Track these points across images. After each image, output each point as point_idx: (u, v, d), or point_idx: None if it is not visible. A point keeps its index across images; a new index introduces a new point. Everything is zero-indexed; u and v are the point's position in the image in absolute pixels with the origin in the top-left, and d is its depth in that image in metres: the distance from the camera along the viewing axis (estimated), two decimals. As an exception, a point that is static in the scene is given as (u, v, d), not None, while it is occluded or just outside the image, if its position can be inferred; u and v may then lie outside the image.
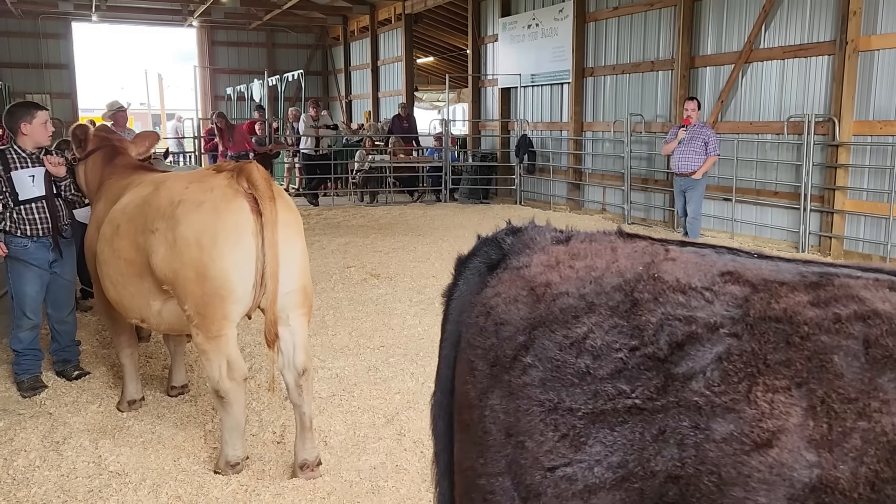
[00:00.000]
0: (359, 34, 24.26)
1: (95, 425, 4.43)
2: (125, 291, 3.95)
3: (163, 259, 3.60)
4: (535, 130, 15.58)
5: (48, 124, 4.90)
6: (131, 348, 4.69)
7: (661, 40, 12.25)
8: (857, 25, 8.96)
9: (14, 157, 4.81)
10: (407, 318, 6.67)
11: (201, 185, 3.62)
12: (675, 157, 9.37)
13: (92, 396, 4.88)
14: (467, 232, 11.52)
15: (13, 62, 23.00)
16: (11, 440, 4.19)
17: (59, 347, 5.22)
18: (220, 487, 3.64)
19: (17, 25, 22.83)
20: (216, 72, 25.85)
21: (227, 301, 3.52)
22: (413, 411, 4.57)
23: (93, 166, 4.78)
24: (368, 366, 5.39)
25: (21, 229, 4.81)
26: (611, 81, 13.47)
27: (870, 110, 9.03)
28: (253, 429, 4.31)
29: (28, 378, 4.97)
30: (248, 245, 3.49)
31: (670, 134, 9.68)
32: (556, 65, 14.66)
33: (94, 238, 4.29)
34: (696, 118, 9.42)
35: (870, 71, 8.98)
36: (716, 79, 11.28)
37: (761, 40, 10.45)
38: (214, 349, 3.60)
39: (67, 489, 3.66)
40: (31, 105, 4.98)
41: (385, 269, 8.74)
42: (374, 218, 13.22)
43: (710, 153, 9.18)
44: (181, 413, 4.62)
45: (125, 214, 3.94)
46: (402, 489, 3.63)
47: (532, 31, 15.28)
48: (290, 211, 3.69)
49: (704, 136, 9.20)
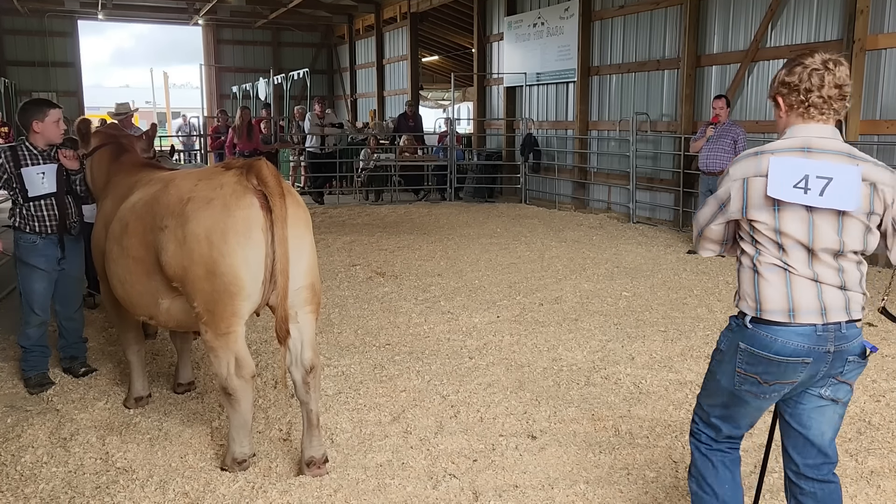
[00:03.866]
0: (364, 33, 24.28)
1: (102, 422, 4.44)
2: (133, 289, 3.95)
3: (172, 256, 3.60)
4: (540, 129, 15.57)
5: (60, 122, 4.91)
6: (138, 345, 4.69)
7: (666, 39, 12.23)
8: (865, 24, 8.93)
9: (25, 153, 4.82)
10: (412, 316, 6.67)
11: (211, 182, 3.62)
12: (703, 156, 9.25)
13: (99, 393, 4.89)
14: (472, 231, 11.53)
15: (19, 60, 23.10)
16: (19, 436, 4.20)
17: (66, 344, 5.24)
18: (227, 484, 3.64)
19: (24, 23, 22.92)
20: (222, 70, 25.90)
21: (236, 298, 3.52)
22: (419, 409, 4.57)
23: (99, 163, 4.78)
24: (374, 364, 5.39)
25: (30, 226, 4.82)
26: (616, 80, 13.45)
27: (877, 109, 9.00)
28: (259, 426, 4.31)
29: (35, 375, 4.98)
30: (257, 242, 3.50)
31: (699, 132, 9.59)
32: (561, 63, 14.65)
33: (101, 236, 4.30)
34: (725, 116, 9.31)
35: (877, 70, 8.96)
36: (722, 78, 11.26)
37: (768, 39, 10.42)
38: (223, 346, 3.60)
39: (75, 485, 3.66)
40: (44, 103, 4.98)
41: (390, 268, 8.74)
42: (379, 216, 13.22)
43: (739, 151, 9.03)
44: (188, 410, 4.62)
45: (134, 212, 3.94)
46: (409, 486, 3.63)
47: (538, 29, 15.26)
48: (300, 207, 3.69)
49: (733, 135, 9.09)
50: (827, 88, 2.44)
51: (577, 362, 5.45)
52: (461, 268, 8.72)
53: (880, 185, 2.45)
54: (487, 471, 3.78)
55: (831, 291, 2.46)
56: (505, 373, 5.22)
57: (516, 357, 5.57)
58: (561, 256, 9.37)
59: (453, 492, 3.58)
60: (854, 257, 2.51)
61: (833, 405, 2.59)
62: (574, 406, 4.61)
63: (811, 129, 2.49)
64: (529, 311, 6.84)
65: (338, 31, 26.41)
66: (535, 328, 6.29)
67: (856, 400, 4.65)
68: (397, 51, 21.98)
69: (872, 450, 4.00)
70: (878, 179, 2.44)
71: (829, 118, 2.48)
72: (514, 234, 11.18)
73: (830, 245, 2.43)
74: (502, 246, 10.14)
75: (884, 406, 4.58)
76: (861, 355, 2.55)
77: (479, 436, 4.19)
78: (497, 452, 3.98)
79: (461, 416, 4.49)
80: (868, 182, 2.43)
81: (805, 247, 2.44)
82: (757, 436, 4.18)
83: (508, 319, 6.56)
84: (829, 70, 2.43)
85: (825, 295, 2.46)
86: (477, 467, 3.83)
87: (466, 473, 3.76)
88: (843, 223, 2.43)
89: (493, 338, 6.02)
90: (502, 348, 5.78)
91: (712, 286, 7.73)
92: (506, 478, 3.72)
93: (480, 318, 6.59)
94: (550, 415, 4.48)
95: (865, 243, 2.49)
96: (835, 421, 2.64)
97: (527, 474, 3.75)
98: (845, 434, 4.18)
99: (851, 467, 3.82)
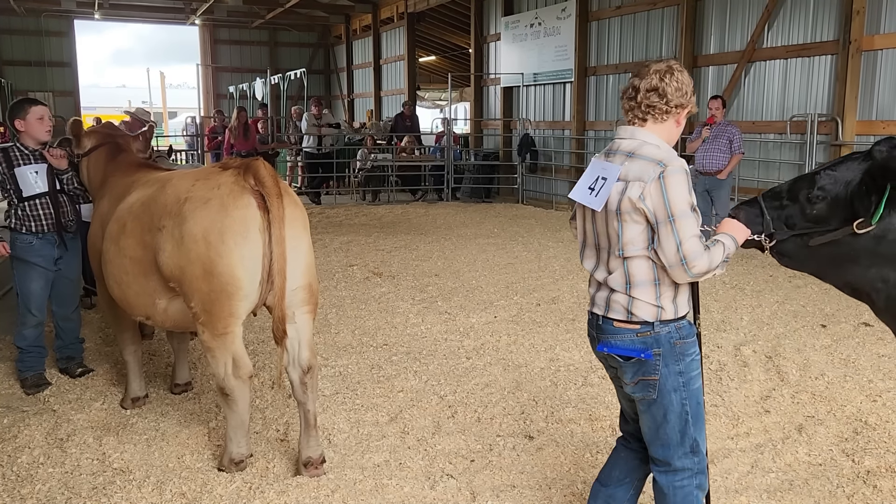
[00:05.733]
0: (361, 33, 24.26)
1: (99, 422, 4.43)
2: (130, 290, 3.94)
3: (170, 256, 3.60)
4: (537, 129, 15.57)
5: (45, 120, 4.89)
6: (135, 345, 4.69)
7: (663, 39, 12.24)
8: (861, 25, 8.95)
9: (17, 153, 4.81)
10: (409, 316, 6.67)
11: (208, 182, 3.61)
12: (699, 156, 9.23)
13: (95, 393, 4.88)
14: (469, 231, 11.53)
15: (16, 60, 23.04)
16: (15, 437, 4.19)
17: (62, 344, 5.22)
18: (224, 485, 3.64)
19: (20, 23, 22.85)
20: (219, 70, 25.86)
21: (233, 298, 3.52)
22: (416, 409, 4.57)
23: (95, 163, 4.77)
24: (371, 364, 5.39)
25: (26, 226, 4.81)
26: (613, 80, 13.46)
27: (873, 110, 9.02)
28: (257, 426, 4.31)
29: (32, 375, 4.97)
30: (255, 242, 3.49)
31: (695, 132, 9.59)
32: (558, 64, 14.65)
33: (98, 236, 4.29)
34: (721, 116, 9.29)
35: (873, 70, 8.97)
36: (718, 78, 11.27)
37: (764, 39, 10.44)
38: (220, 346, 3.60)
39: (71, 486, 3.66)
40: (26, 101, 4.99)
41: (387, 268, 8.74)
42: (376, 216, 13.22)
43: (735, 151, 8.99)
44: (185, 410, 4.62)
45: (131, 213, 3.93)
46: (406, 487, 3.63)
47: (535, 29, 15.27)
48: (297, 208, 3.69)
49: (729, 135, 9.07)
50: (626, 95, 2.63)
51: (575, 362, 5.45)
52: (458, 268, 8.72)
53: (630, 183, 2.48)
54: (485, 471, 3.78)
55: (596, 286, 2.70)
56: (502, 373, 5.23)
57: (513, 357, 5.57)
58: (558, 256, 9.38)
59: (451, 492, 3.58)
60: (622, 255, 2.55)
61: (639, 402, 2.67)
62: (571, 406, 4.62)
63: (619, 130, 2.68)
64: (527, 311, 6.84)
65: (335, 30, 26.39)
66: (533, 328, 6.29)
67: (852, 400, 4.67)
68: (394, 51, 21.97)
69: (869, 450, 4.01)
70: (631, 177, 2.48)
71: (634, 120, 2.62)
72: (512, 235, 11.19)
73: (601, 243, 2.63)
74: (499, 246, 10.14)
75: (880, 406, 4.59)
76: (626, 357, 2.60)
77: (477, 436, 4.19)
78: (494, 452, 3.98)
79: (459, 416, 4.49)
80: (624, 180, 2.50)
81: (584, 242, 2.73)
82: (754, 435, 4.19)
83: (506, 320, 6.56)
84: (631, 77, 2.65)
85: (592, 287, 2.74)
86: (474, 467, 3.83)
87: (464, 474, 3.76)
88: (608, 221, 2.56)
89: (490, 338, 6.02)
90: (499, 348, 5.78)
91: (709, 285, 7.73)
92: (503, 478, 3.72)
93: (478, 318, 6.59)
94: (548, 415, 4.49)
95: (621, 242, 2.52)
96: (646, 421, 2.68)
97: (524, 474, 3.76)
98: (842, 434, 4.20)
99: (848, 467, 3.83)
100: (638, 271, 2.54)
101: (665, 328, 2.56)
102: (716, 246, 2.49)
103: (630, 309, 2.57)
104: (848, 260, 2.54)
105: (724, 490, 3.58)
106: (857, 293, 2.66)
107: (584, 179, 2.63)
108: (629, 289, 2.55)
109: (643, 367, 2.59)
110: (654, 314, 2.55)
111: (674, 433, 2.63)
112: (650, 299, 2.54)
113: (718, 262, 2.47)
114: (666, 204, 2.41)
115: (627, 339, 2.59)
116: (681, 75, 2.57)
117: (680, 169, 2.45)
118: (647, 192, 2.43)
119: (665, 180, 2.42)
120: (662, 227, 2.42)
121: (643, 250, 2.51)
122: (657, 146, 2.54)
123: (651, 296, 2.54)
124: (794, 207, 2.60)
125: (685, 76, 2.59)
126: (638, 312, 2.55)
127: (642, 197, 2.44)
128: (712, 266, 2.45)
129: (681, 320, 2.60)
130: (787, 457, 3.92)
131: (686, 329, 2.62)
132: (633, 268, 2.54)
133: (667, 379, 2.58)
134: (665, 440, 2.65)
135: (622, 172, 2.50)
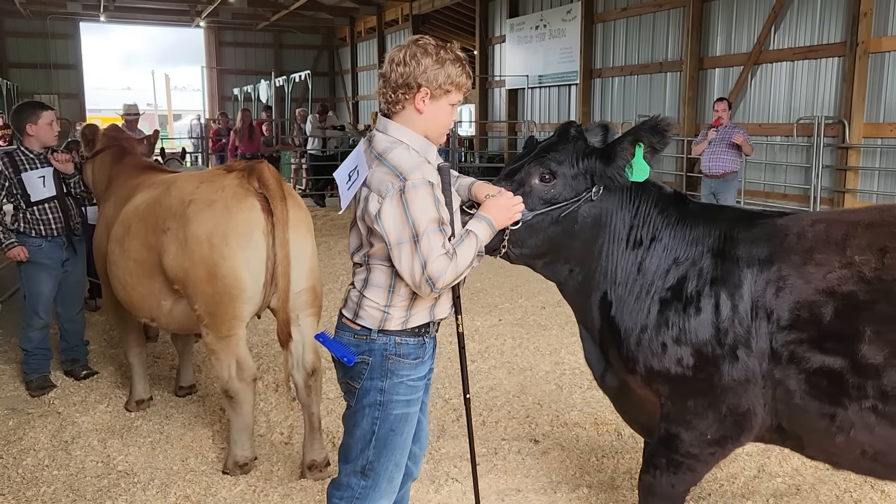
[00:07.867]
0: (366, 35, 24.29)
1: (104, 425, 4.43)
2: (135, 291, 3.94)
3: (174, 258, 3.59)
4: (542, 131, 15.56)
5: (54, 124, 4.89)
6: (139, 348, 4.69)
7: (669, 41, 12.23)
8: (868, 27, 8.92)
9: (23, 158, 4.81)
10: (414, 318, 6.64)
11: (212, 185, 3.61)
12: (706, 159, 9.16)
13: (100, 396, 4.88)
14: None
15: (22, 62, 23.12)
16: (20, 439, 4.19)
17: (67, 347, 5.23)
18: (229, 488, 3.64)
19: (26, 25, 22.95)
20: (223, 72, 25.94)
21: (237, 300, 3.52)
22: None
23: (101, 165, 4.79)
24: (376, 366, 5.37)
25: (35, 230, 4.81)
26: (619, 82, 13.45)
27: (880, 112, 8.99)
28: (261, 429, 4.30)
29: (37, 377, 4.97)
30: (258, 244, 3.49)
31: (700, 135, 9.54)
32: (563, 66, 14.65)
33: (103, 238, 4.29)
34: (727, 119, 9.25)
35: (880, 73, 8.94)
36: (725, 80, 11.25)
37: (771, 41, 10.41)
38: (224, 349, 3.59)
39: (76, 488, 3.65)
40: (37, 105, 4.98)
41: (392, 270, 8.72)
42: (380, 218, 13.19)
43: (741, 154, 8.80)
44: (189, 413, 4.61)
45: (136, 215, 3.93)
46: (411, 490, 3.60)
47: (540, 31, 15.27)
48: (301, 210, 3.69)
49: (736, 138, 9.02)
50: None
51: (580, 366, 5.43)
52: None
53: (371, 194, 2.24)
54: (490, 475, 3.76)
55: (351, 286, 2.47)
56: (507, 376, 5.21)
57: (518, 360, 5.55)
58: (563, 259, 9.34)
59: (455, 495, 3.57)
60: (367, 262, 2.36)
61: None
62: (576, 410, 4.60)
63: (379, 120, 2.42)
64: (532, 314, 6.82)
65: (339, 33, 26.42)
66: (538, 331, 6.27)
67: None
68: (399, 53, 21.95)
69: (877, 454, 3.98)
70: (373, 187, 2.24)
71: (389, 109, 2.36)
72: (516, 237, 11.14)
73: (361, 230, 2.35)
74: (504, 248, 10.10)
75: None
76: (334, 357, 2.46)
77: (482, 439, 4.17)
78: (500, 456, 3.97)
79: (463, 419, 4.47)
80: (368, 188, 2.26)
81: (354, 216, 2.41)
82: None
83: (510, 323, 6.55)
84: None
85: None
86: (479, 471, 3.81)
87: (469, 477, 3.74)
88: (357, 227, 2.37)
89: (495, 341, 6.01)
90: (504, 352, 5.76)
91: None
92: (508, 482, 3.71)
93: (482, 321, 6.58)
94: (553, 419, 4.47)
95: (368, 248, 2.33)
96: (344, 423, 2.54)
97: (529, 478, 3.74)
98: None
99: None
100: (377, 276, 2.35)
101: (383, 339, 2.36)
102: (463, 245, 2.24)
103: (357, 309, 2.39)
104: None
105: (731, 495, 3.56)
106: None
107: (349, 161, 2.40)
108: (364, 287, 2.38)
109: (349, 370, 2.41)
110: (377, 320, 2.35)
111: (354, 446, 2.45)
112: (379, 302, 2.34)
113: (468, 264, 2.23)
114: (409, 222, 2.16)
115: (345, 338, 2.42)
116: (417, 51, 2.26)
117: (421, 182, 2.17)
118: (383, 212, 2.18)
119: (406, 195, 2.16)
120: (405, 248, 2.17)
121: (385, 261, 2.30)
122: (407, 147, 2.28)
123: (381, 299, 2.34)
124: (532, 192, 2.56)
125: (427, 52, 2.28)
126: (363, 314, 2.37)
127: (378, 217, 2.19)
128: (459, 272, 2.21)
129: (407, 336, 2.37)
130: (794, 461, 3.89)
131: (409, 348, 2.38)
132: (374, 271, 2.35)
133: (366, 392, 2.40)
134: (346, 450, 2.49)
135: (368, 178, 2.27)
